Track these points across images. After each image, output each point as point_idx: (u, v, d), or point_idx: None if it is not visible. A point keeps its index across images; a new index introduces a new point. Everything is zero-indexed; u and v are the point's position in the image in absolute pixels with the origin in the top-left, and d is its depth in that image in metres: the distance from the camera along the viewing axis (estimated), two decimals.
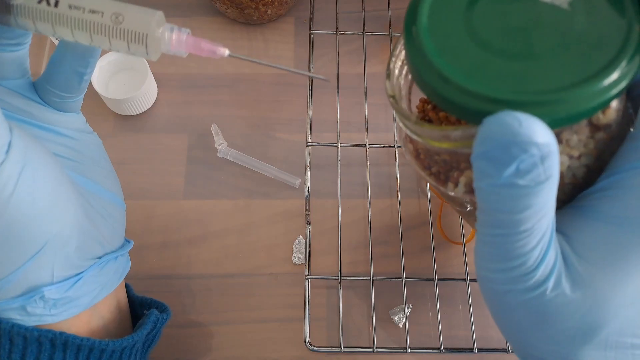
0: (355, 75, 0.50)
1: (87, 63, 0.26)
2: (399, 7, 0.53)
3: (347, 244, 0.44)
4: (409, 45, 0.22)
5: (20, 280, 0.24)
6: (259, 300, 0.42)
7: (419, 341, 0.41)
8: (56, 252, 0.24)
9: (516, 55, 0.20)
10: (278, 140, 0.48)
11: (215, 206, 0.45)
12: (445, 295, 0.43)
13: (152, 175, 0.46)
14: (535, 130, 0.17)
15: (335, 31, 0.48)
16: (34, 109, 0.26)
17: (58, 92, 0.27)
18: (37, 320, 0.25)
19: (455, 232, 0.45)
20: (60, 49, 0.26)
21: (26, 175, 0.22)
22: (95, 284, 0.27)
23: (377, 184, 0.46)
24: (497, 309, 0.22)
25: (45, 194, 0.23)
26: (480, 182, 0.19)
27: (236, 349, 0.41)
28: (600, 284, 0.20)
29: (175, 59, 0.50)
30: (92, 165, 0.28)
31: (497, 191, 0.19)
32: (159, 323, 0.31)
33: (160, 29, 0.23)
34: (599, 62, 0.19)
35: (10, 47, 0.24)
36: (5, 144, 0.21)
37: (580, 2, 0.21)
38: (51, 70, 0.27)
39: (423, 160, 0.26)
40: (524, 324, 0.21)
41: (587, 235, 0.21)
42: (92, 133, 0.30)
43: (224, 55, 0.24)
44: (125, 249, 0.30)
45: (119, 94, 0.45)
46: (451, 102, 0.20)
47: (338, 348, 0.38)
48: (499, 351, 0.39)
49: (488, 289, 0.22)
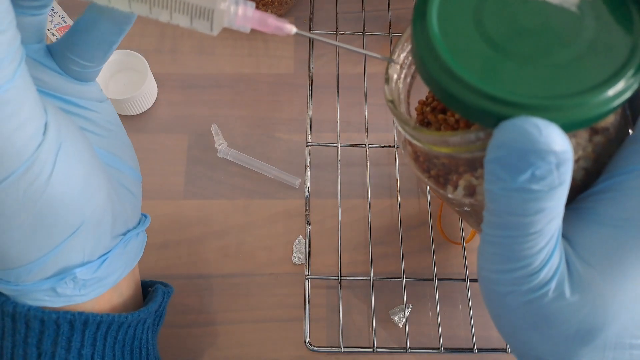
0: (355, 75, 0.50)
1: (121, 31, 0.25)
2: (399, 7, 0.53)
3: (347, 244, 0.44)
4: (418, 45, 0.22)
5: (53, 262, 0.23)
6: (259, 300, 0.42)
7: (419, 341, 0.41)
8: (89, 233, 0.24)
9: (527, 58, 0.20)
10: (278, 140, 0.48)
11: (215, 206, 0.45)
12: (445, 295, 0.43)
13: (152, 175, 0.46)
14: (555, 139, 0.17)
15: (335, 31, 0.48)
16: (51, 78, 0.25)
17: (80, 61, 0.25)
18: (67, 300, 0.25)
19: (455, 232, 0.45)
20: (90, 14, 0.24)
21: (62, 157, 0.21)
22: (120, 262, 0.27)
23: (377, 184, 0.46)
24: (497, 309, 0.22)
25: (79, 174, 0.22)
26: (492, 185, 0.19)
27: (236, 349, 0.41)
28: (600, 287, 0.20)
29: (176, 58, 0.51)
30: (110, 137, 0.28)
31: (509, 195, 0.18)
32: (166, 296, 0.31)
33: (227, 2, 0.21)
34: (607, 70, 0.19)
35: (33, 10, 0.23)
36: (42, 125, 0.20)
37: (589, 5, 0.21)
38: (76, 38, 0.25)
39: (422, 163, 0.26)
40: (524, 326, 0.21)
41: (586, 238, 0.21)
42: (107, 101, 0.29)
43: (290, 33, 0.23)
44: (144, 225, 0.30)
45: (119, 94, 0.45)
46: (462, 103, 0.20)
47: (338, 348, 0.38)
48: (499, 351, 0.39)
49: (489, 289, 0.22)
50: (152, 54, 0.50)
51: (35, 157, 0.20)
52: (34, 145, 0.20)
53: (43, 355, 0.25)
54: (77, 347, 0.25)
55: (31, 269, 0.23)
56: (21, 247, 0.22)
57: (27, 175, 0.20)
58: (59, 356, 0.25)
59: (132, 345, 0.28)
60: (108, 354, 0.27)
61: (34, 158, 0.20)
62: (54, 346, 0.25)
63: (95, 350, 0.26)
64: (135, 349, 0.29)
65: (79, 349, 0.25)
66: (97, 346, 0.26)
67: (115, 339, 0.27)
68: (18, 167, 0.20)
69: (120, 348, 0.28)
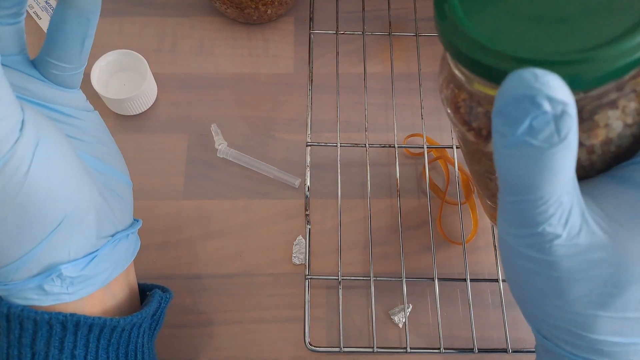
0: (355, 75, 0.50)
1: (89, 21, 0.25)
2: (399, 7, 0.53)
3: (347, 244, 0.44)
4: (437, 8, 0.23)
5: (38, 259, 0.24)
6: (259, 300, 0.42)
7: (419, 341, 0.41)
8: (73, 229, 0.24)
9: (542, 18, 0.21)
10: (278, 140, 0.48)
11: (215, 206, 0.45)
12: (445, 295, 0.43)
13: (152, 175, 0.46)
14: (550, 85, 0.17)
15: (335, 31, 0.48)
16: (35, 86, 0.26)
17: (58, 64, 0.26)
18: (55, 299, 0.25)
19: (455, 232, 0.45)
20: (59, 10, 0.25)
21: (40, 153, 0.22)
22: (109, 262, 0.27)
23: (377, 184, 0.46)
24: (514, 273, 0.22)
25: (59, 171, 0.23)
26: (497, 145, 0.19)
27: (236, 349, 0.41)
28: (628, 247, 0.20)
29: (176, 58, 0.51)
30: (97, 145, 0.28)
31: (512, 153, 0.18)
32: (163, 302, 0.31)
33: None
34: (625, 24, 0.20)
35: (7, 18, 0.24)
36: (18, 121, 0.21)
37: None
38: (50, 39, 0.26)
39: (463, 114, 0.26)
40: (543, 290, 0.21)
41: (618, 199, 0.21)
42: (94, 111, 0.30)
43: None
44: (134, 227, 0.30)
45: (119, 94, 0.45)
46: (477, 62, 0.21)
47: (338, 348, 0.38)
48: (499, 351, 0.39)
49: (508, 252, 0.22)
50: (152, 54, 0.50)
51: (12, 153, 0.21)
52: (11, 142, 0.21)
53: (37, 355, 0.25)
54: (70, 348, 0.26)
55: (18, 267, 0.24)
56: (5, 244, 0.23)
57: (5, 171, 0.21)
58: (53, 356, 0.25)
59: (127, 348, 0.28)
60: (102, 355, 0.27)
61: (12, 153, 0.21)
62: (47, 346, 0.25)
63: (88, 351, 0.26)
64: (130, 352, 0.29)
65: (72, 350, 0.26)
66: (90, 348, 0.26)
67: (109, 342, 0.27)
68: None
69: (115, 351, 0.28)
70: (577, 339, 0.22)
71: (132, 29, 0.52)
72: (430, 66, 0.51)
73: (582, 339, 0.22)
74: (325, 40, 0.51)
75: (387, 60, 0.51)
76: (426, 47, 0.51)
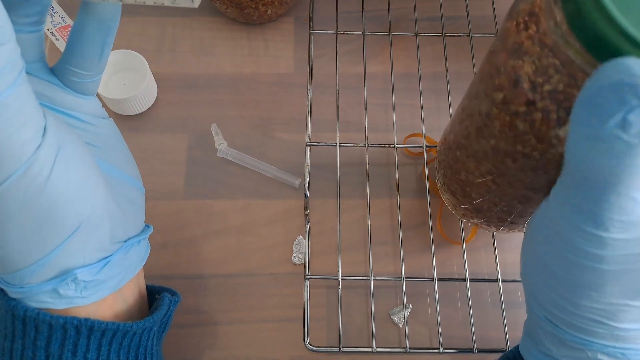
0: (355, 75, 0.50)
1: (109, 29, 0.26)
2: (399, 7, 0.53)
3: (347, 244, 0.44)
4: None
5: (54, 263, 0.24)
6: (259, 300, 0.42)
7: (419, 341, 0.41)
8: (88, 234, 0.25)
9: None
10: (278, 140, 0.48)
11: (215, 206, 0.45)
12: (445, 295, 0.43)
13: (152, 175, 0.46)
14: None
15: (335, 31, 0.48)
16: (54, 93, 0.26)
17: (78, 71, 0.27)
18: (69, 302, 0.26)
19: (455, 232, 0.45)
20: (79, 18, 0.26)
21: (61, 158, 0.22)
22: (121, 267, 0.28)
23: (376, 184, 0.46)
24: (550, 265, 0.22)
25: (78, 176, 0.23)
26: (576, 135, 0.17)
27: (236, 349, 0.41)
28: None
29: (176, 58, 0.51)
30: (112, 151, 0.29)
31: (594, 146, 0.17)
32: (172, 305, 0.32)
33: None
34: None
35: (28, 26, 0.24)
36: (41, 127, 0.21)
37: None
38: (70, 46, 0.26)
39: (526, 90, 0.23)
40: (581, 282, 0.21)
41: None
42: (109, 119, 0.30)
43: None
44: (146, 233, 0.31)
45: (119, 94, 0.45)
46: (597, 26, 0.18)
47: (337, 348, 0.38)
48: (499, 351, 0.39)
49: (556, 245, 0.21)
50: (152, 54, 0.50)
51: (34, 158, 0.21)
52: (34, 147, 0.21)
53: (51, 358, 0.26)
54: (83, 352, 0.26)
55: (34, 270, 0.24)
56: (23, 248, 0.23)
57: (27, 176, 0.21)
58: (66, 359, 0.26)
59: (137, 351, 0.29)
60: (112, 358, 0.28)
61: (34, 159, 0.21)
62: (60, 349, 0.26)
63: (100, 354, 0.27)
64: (140, 355, 0.29)
65: (85, 353, 0.26)
66: (102, 351, 0.27)
67: (121, 345, 0.28)
68: (18, 168, 0.21)
69: (125, 354, 0.28)
70: (600, 327, 0.22)
71: (132, 29, 0.52)
72: (430, 66, 0.51)
73: (604, 327, 0.21)
74: (325, 40, 0.51)
75: (387, 60, 0.51)
76: (426, 47, 0.51)
